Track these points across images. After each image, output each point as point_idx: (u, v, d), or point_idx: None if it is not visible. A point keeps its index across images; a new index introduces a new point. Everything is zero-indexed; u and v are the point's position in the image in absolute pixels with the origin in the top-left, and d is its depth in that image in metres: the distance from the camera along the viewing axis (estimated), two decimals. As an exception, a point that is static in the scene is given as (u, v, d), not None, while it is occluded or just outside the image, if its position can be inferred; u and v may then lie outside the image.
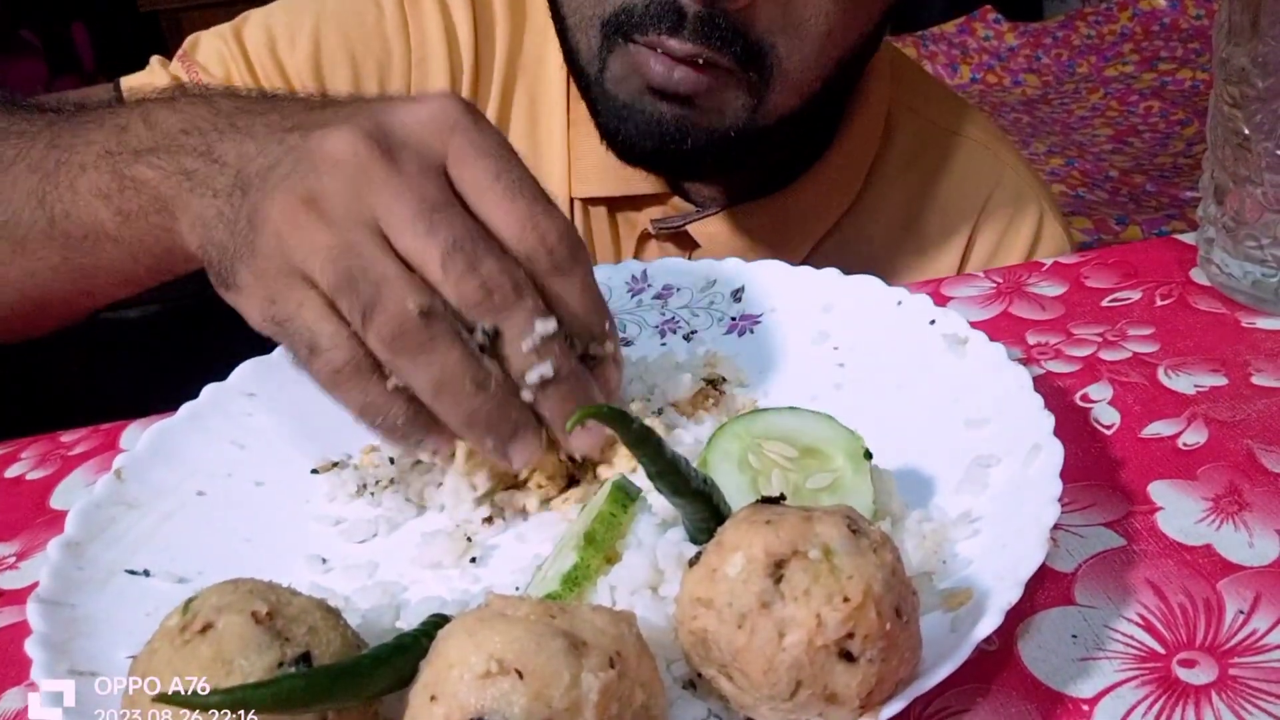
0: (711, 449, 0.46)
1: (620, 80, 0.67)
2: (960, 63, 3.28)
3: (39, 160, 0.57)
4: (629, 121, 0.67)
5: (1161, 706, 0.38)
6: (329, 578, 0.47)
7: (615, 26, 0.65)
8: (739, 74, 0.65)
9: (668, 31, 0.63)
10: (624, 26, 0.65)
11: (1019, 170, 0.86)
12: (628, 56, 0.66)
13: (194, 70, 0.78)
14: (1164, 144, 2.68)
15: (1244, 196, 0.59)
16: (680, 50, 0.63)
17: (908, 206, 0.84)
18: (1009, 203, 0.84)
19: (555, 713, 0.31)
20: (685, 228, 0.79)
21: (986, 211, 0.84)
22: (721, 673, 0.35)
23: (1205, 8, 3.34)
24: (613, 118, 0.68)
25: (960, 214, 0.84)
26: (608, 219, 0.82)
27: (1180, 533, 0.46)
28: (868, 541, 0.35)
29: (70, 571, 0.45)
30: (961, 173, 0.85)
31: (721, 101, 0.66)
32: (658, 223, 0.80)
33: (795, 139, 0.74)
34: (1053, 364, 0.58)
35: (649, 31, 0.64)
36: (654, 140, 0.67)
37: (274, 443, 0.55)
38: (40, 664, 0.40)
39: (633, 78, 0.66)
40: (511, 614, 0.33)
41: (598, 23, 0.67)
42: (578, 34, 0.69)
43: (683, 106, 0.66)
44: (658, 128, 0.67)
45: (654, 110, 0.66)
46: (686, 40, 0.63)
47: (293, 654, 0.34)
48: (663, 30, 0.63)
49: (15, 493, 0.58)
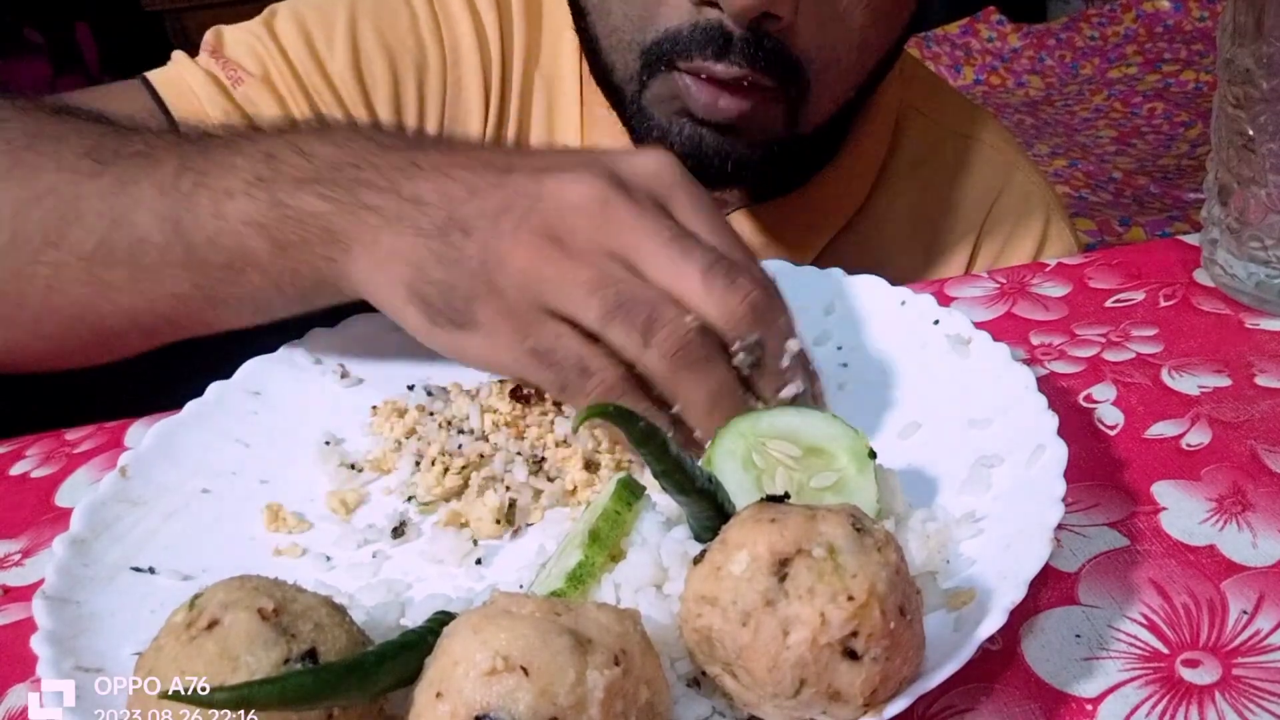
0: (716, 448, 0.46)
1: (660, 101, 0.68)
2: (963, 64, 3.28)
3: (168, 183, 0.55)
4: (667, 142, 0.68)
5: (1165, 706, 0.38)
6: (333, 575, 0.47)
7: (658, 54, 0.66)
8: (779, 92, 0.66)
9: (713, 56, 0.64)
10: (667, 53, 0.65)
11: (1027, 173, 0.87)
12: (670, 82, 0.66)
13: (230, 67, 0.76)
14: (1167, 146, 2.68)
15: (1248, 198, 0.59)
16: (726, 74, 0.64)
17: (916, 207, 0.84)
18: (1017, 205, 0.85)
19: (560, 710, 0.31)
20: None
21: (994, 213, 0.85)
22: (725, 670, 0.36)
23: (1209, 9, 3.34)
24: (649, 135, 0.69)
25: (968, 215, 0.84)
26: None
27: (1184, 533, 0.46)
28: (872, 540, 0.35)
29: (76, 568, 0.45)
30: (970, 174, 0.85)
31: (763, 121, 0.67)
32: None
33: (822, 141, 0.75)
34: (1056, 364, 0.58)
35: (694, 57, 0.64)
36: (694, 161, 0.67)
37: (279, 441, 0.55)
38: (46, 660, 0.40)
39: (673, 100, 0.67)
40: (516, 611, 0.33)
41: (637, 49, 0.67)
42: (613, 55, 0.69)
43: (724, 133, 0.67)
44: (699, 150, 0.67)
45: (694, 134, 0.67)
46: (732, 64, 0.64)
47: (298, 651, 0.34)
48: (708, 55, 0.64)
49: (20, 490, 0.58)
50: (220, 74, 0.75)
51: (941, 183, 0.85)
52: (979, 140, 0.86)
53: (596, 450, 0.51)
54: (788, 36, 0.64)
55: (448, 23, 0.79)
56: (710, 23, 0.63)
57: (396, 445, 0.54)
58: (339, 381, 0.59)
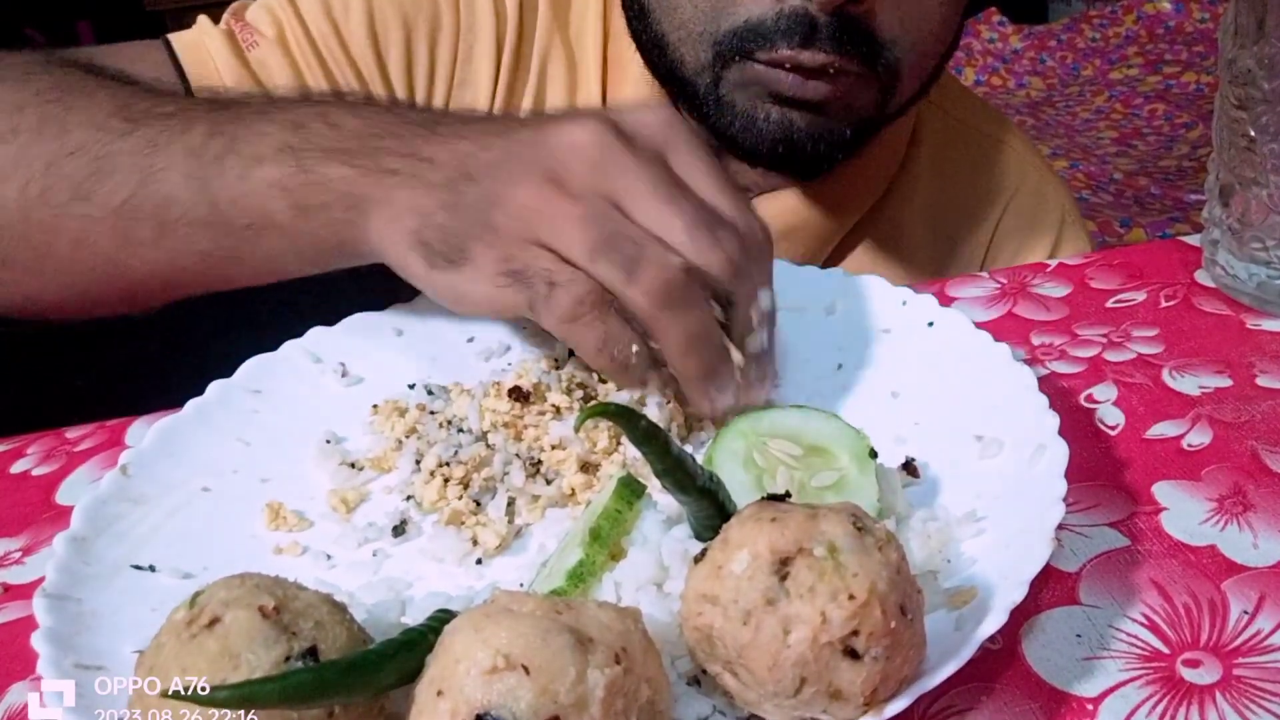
0: (717, 447, 0.47)
1: (740, 88, 0.67)
2: (965, 65, 3.28)
3: (198, 146, 0.57)
4: (754, 129, 0.68)
5: (1166, 706, 0.38)
6: (334, 574, 0.47)
7: (735, 46, 0.66)
8: (868, 75, 0.67)
9: (799, 44, 0.64)
10: (746, 44, 0.65)
11: (1044, 174, 0.87)
12: (748, 71, 0.66)
13: (247, 30, 0.77)
14: (1168, 147, 2.68)
15: (1249, 198, 0.59)
16: (813, 62, 0.64)
17: (934, 201, 0.85)
18: (1032, 205, 0.85)
19: (561, 708, 0.31)
20: None
21: (1010, 211, 0.85)
22: (726, 669, 0.36)
23: (1210, 11, 3.34)
24: (735, 126, 0.68)
25: (984, 212, 0.85)
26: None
27: (1185, 533, 0.46)
28: (873, 539, 0.35)
29: (76, 566, 0.45)
30: (987, 172, 0.86)
31: (853, 101, 0.67)
32: None
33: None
34: (1057, 365, 0.58)
35: (778, 47, 0.64)
36: (785, 145, 0.68)
37: (279, 439, 0.55)
38: (46, 658, 0.40)
39: (755, 86, 0.67)
40: (517, 610, 0.33)
41: (709, 40, 0.67)
42: (683, 48, 0.69)
43: (816, 113, 0.67)
44: (788, 134, 0.67)
45: (783, 117, 0.67)
46: (819, 51, 0.64)
47: (299, 649, 0.34)
48: (794, 44, 0.64)
49: (21, 488, 0.58)
50: (238, 35, 0.77)
51: (959, 178, 0.86)
52: (997, 139, 0.87)
53: (592, 452, 0.51)
54: (870, 19, 0.65)
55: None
56: (795, 10, 0.63)
57: (397, 444, 0.54)
58: (339, 380, 0.59)
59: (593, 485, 0.50)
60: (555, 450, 0.52)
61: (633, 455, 0.50)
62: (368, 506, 0.52)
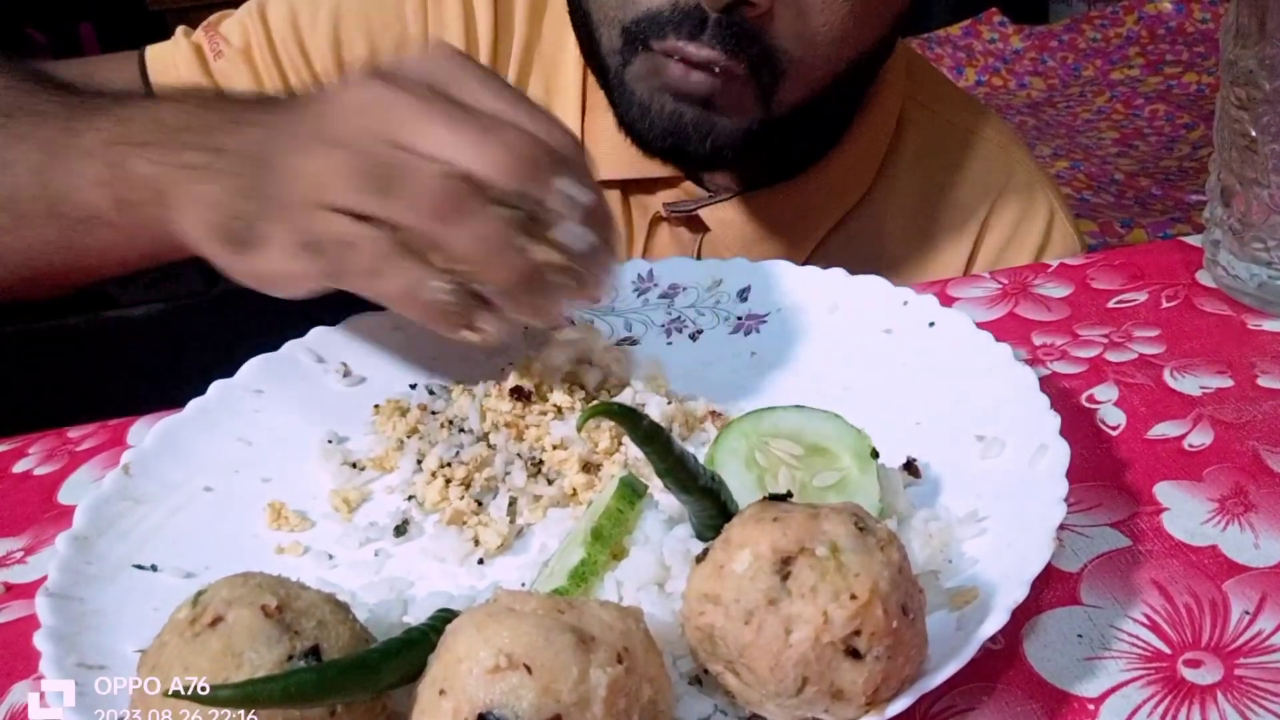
0: (718, 446, 0.47)
1: (641, 78, 0.68)
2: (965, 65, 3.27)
3: (47, 141, 0.59)
4: (649, 119, 0.69)
5: (1167, 706, 0.38)
6: (335, 573, 0.47)
7: (635, 33, 0.67)
8: (750, 79, 0.66)
9: (687, 36, 0.65)
10: (645, 33, 0.66)
11: (1030, 170, 0.87)
12: (648, 60, 0.67)
13: (215, 40, 0.80)
14: (1169, 147, 2.68)
15: (1250, 199, 0.59)
16: (698, 55, 0.65)
17: (918, 200, 0.84)
18: (1019, 200, 0.85)
19: (564, 707, 0.31)
20: (697, 212, 0.80)
21: (997, 208, 0.85)
22: (728, 669, 0.36)
23: (1211, 11, 3.34)
24: (633, 113, 0.70)
25: (970, 209, 0.84)
26: (621, 202, 0.83)
27: (1186, 533, 0.46)
28: (874, 539, 0.36)
29: (79, 566, 0.45)
30: (973, 169, 0.85)
31: (738, 99, 0.67)
32: (670, 206, 0.81)
33: (810, 130, 0.76)
34: (1058, 365, 0.58)
35: (668, 37, 0.65)
36: (674, 138, 0.69)
37: (281, 439, 0.55)
38: (49, 657, 0.40)
39: (652, 77, 0.68)
40: (520, 609, 0.33)
41: (619, 26, 0.68)
42: (601, 29, 0.70)
43: (703, 107, 0.68)
44: (677, 126, 0.68)
45: (675, 110, 0.68)
46: (705, 45, 0.64)
47: (302, 647, 0.34)
48: (683, 35, 0.65)
49: (23, 488, 0.58)
50: (205, 46, 0.79)
51: (944, 177, 0.85)
52: (982, 136, 0.86)
53: (593, 452, 0.51)
54: (764, 23, 0.65)
55: (436, 4, 0.81)
56: (688, 4, 0.64)
57: (399, 444, 0.54)
58: (341, 380, 0.59)
59: (594, 485, 0.50)
60: (556, 450, 0.52)
61: (634, 455, 0.50)
62: (370, 506, 0.52)
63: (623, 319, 0.63)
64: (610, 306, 0.64)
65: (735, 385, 0.57)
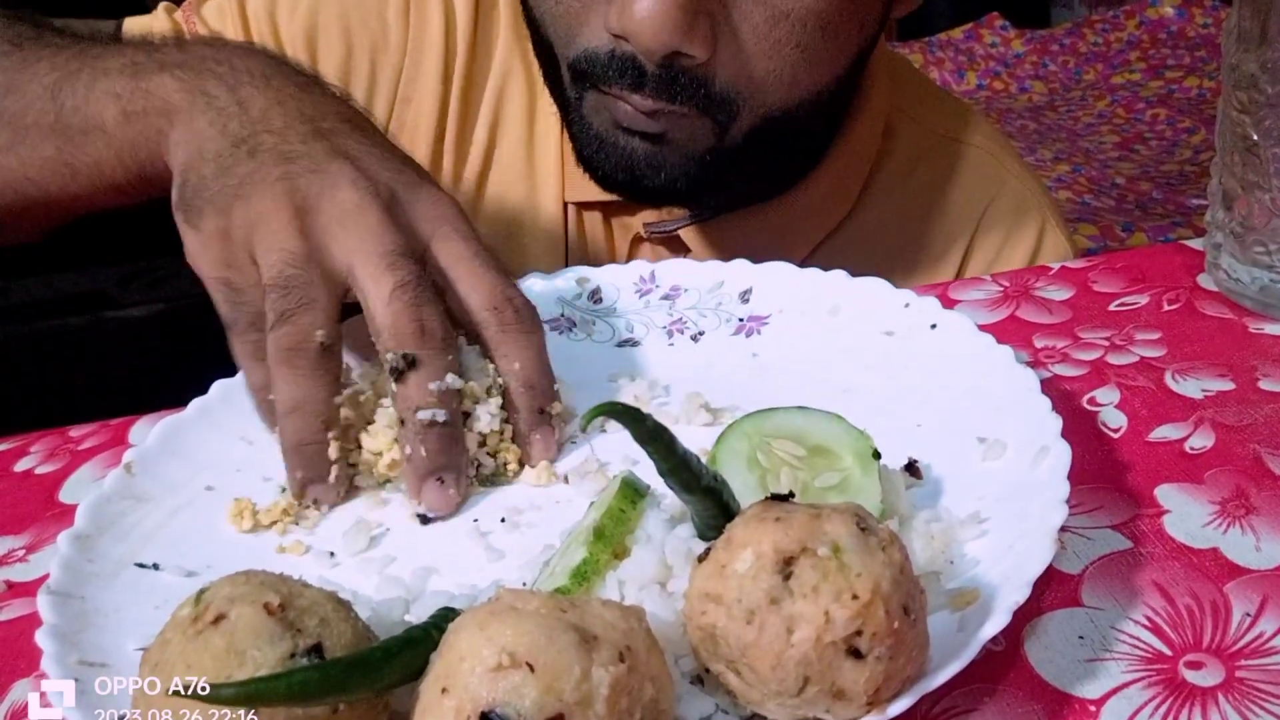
0: (720, 447, 0.47)
1: (595, 112, 0.68)
2: (967, 69, 3.28)
3: (63, 64, 0.62)
4: (603, 153, 0.68)
5: (1168, 708, 0.38)
6: (336, 572, 0.47)
7: (580, 73, 0.66)
8: (703, 116, 0.65)
9: (629, 87, 0.64)
10: (589, 75, 0.65)
11: (1022, 178, 0.85)
12: (597, 97, 0.67)
13: (191, 20, 0.80)
14: (1170, 152, 2.69)
15: (1252, 202, 0.59)
16: (641, 106, 0.64)
17: (906, 214, 0.83)
18: (1010, 211, 0.83)
19: (566, 706, 0.31)
20: (678, 232, 0.79)
21: (986, 219, 0.83)
22: (729, 668, 0.36)
23: (1212, 16, 3.35)
24: (588, 147, 0.69)
25: (959, 221, 0.83)
26: (602, 223, 0.82)
27: (1187, 536, 0.46)
28: (876, 540, 0.36)
29: (80, 564, 0.45)
30: (962, 179, 0.84)
31: (690, 133, 0.66)
32: (650, 226, 0.80)
33: (777, 155, 0.73)
34: (1060, 367, 0.58)
35: (611, 84, 0.64)
36: (627, 173, 0.68)
37: (283, 439, 0.55)
38: (50, 655, 0.40)
39: (605, 112, 0.67)
40: (522, 608, 0.33)
41: (565, 62, 0.67)
42: (559, 63, 0.69)
43: (654, 143, 0.67)
44: (630, 162, 0.67)
45: (626, 145, 0.67)
46: (647, 96, 0.64)
47: (305, 645, 0.34)
48: (625, 85, 0.64)
49: (24, 487, 0.58)
50: (184, 25, 0.80)
51: (932, 190, 0.84)
52: (971, 145, 0.85)
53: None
54: (706, 71, 0.63)
55: (419, 10, 0.80)
56: (625, 54, 0.63)
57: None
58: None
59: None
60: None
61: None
62: (372, 504, 0.52)
63: (624, 320, 0.63)
64: (611, 308, 0.64)
65: (737, 386, 0.57)
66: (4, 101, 0.62)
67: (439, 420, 0.49)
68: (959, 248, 0.83)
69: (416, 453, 0.49)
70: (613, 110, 0.66)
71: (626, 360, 0.61)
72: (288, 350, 0.49)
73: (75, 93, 0.60)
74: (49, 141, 0.61)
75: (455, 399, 0.50)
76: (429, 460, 0.49)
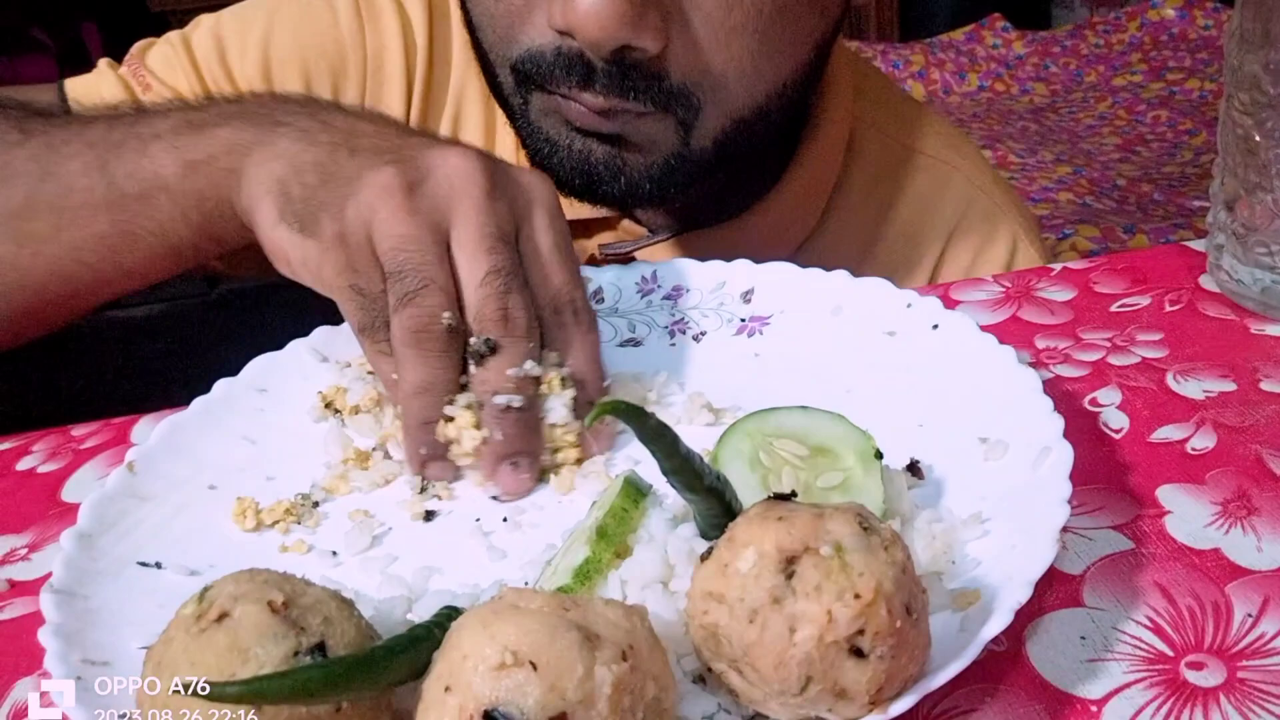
0: (723, 446, 0.47)
1: (546, 115, 0.64)
2: (968, 70, 3.28)
3: (98, 138, 0.60)
4: (557, 158, 0.65)
5: (1170, 708, 0.38)
6: (339, 571, 0.47)
7: (525, 75, 0.63)
8: (665, 114, 0.62)
9: (578, 86, 0.60)
10: (534, 76, 0.62)
11: (990, 191, 0.82)
12: (545, 99, 0.63)
13: (140, 74, 0.77)
14: (1172, 153, 2.69)
15: (1254, 203, 0.59)
16: (593, 105, 0.61)
17: (871, 234, 0.80)
18: (979, 229, 0.80)
19: (569, 705, 0.31)
20: (633, 254, 0.76)
21: (955, 240, 0.80)
22: (732, 667, 0.36)
23: (1214, 18, 3.35)
24: (541, 153, 0.66)
25: (926, 242, 0.80)
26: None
27: (1189, 536, 0.46)
28: (879, 539, 0.36)
29: (83, 563, 0.45)
30: (926, 195, 0.81)
31: (652, 134, 0.63)
32: (606, 248, 0.77)
33: (745, 165, 0.70)
34: (1061, 368, 0.58)
35: (559, 85, 0.61)
36: (585, 178, 0.65)
37: (285, 438, 0.55)
38: (53, 653, 0.40)
39: (555, 114, 0.64)
40: (525, 606, 0.33)
41: (508, 65, 0.64)
42: (498, 69, 0.66)
43: (612, 145, 0.63)
44: (588, 166, 0.64)
45: (583, 147, 0.64)
46: (598, 94, 0.60)
47: (308, 644, 0.34)
48: (573, 84, 0.60)
49: (26, 486, 0.58)
50: (132, 81, 0.77)
51: (898, 208, 0.81)
52: (936, 158, 0.81)
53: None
54: (660, 65, 0.60)
55: (374, 24, 0.78)
56: (571, 50, 0.59)
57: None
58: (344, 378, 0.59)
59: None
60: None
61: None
62: (373, 503, 0.52)
63: (626, 320, 0.63)
64: (613, 308, 0.64)
65: (739, 386, 0.57)
66: (42, 188, 0.60)
67: (515, 405, 0.50)
68: (924, 270, 0.81)
69: (493, 436, 0.50)
70: (564, 110, 0.63)
71: (628, 360, 0.61)
72: (414, 333, 0.50)
73: (125, 160, 0.58)
74: (101, 217, 0.59)
75: (532, 386, 0.51)
76: (505, 444, 0.50)
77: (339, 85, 0.79)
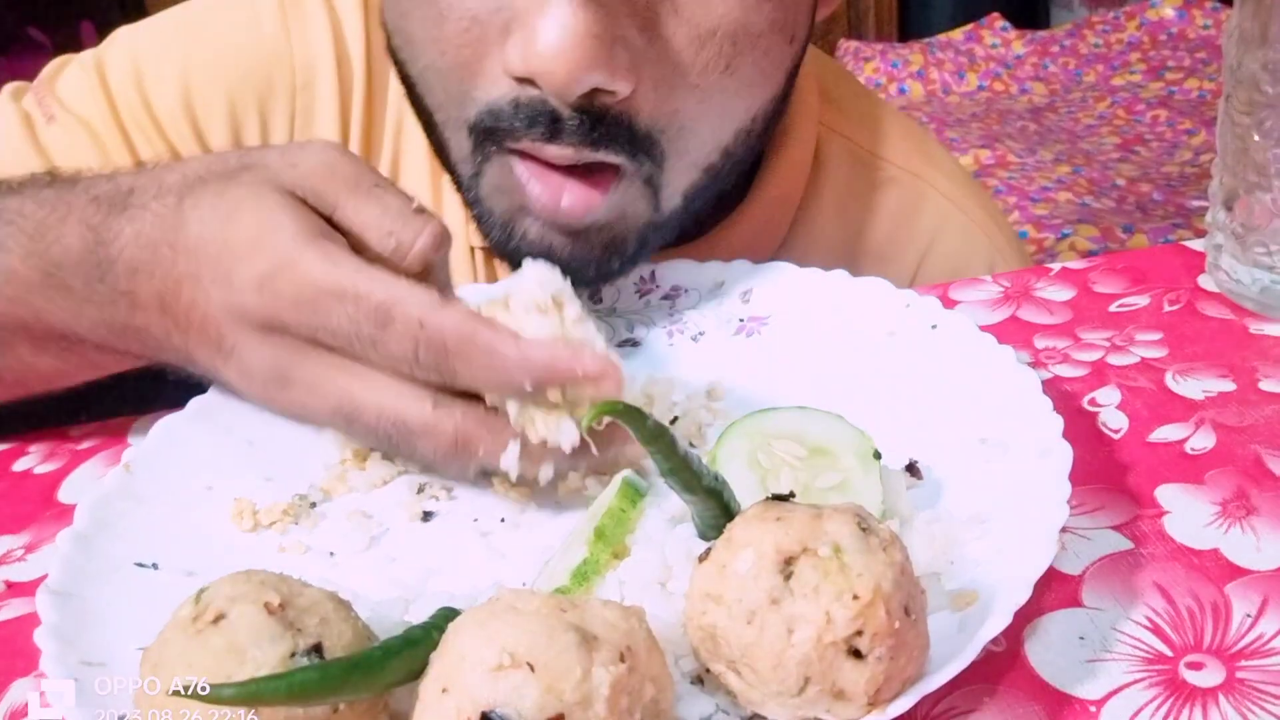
0: (721, 447, 0.47)
1: (499, 191, 0.58)
2: (967, 70, 3.28)
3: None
4: (511, 241, 0.58)
5: (1169, 709, 0.38)
6: (336, 572, 0.47)
7: (484, 133, 0.56)
8: (631, 167, 0.56)
9: (543, 138, 0.54)
10: (495, 133, 0.56)
11: (967, 208, 0.78)
12: (504, 166, 0.57)
13: (46, 103, 0.70)
14: (1171, 153, 2.69)
15: (1253, 203, 0.59)
16: (560, 159, 0.55)
17: (840, 246, 0.76)
18: (955, 250, 0.77)
19: (567, 706, 0.31)
20: None
21: (927, 263, 0.77)
22: (730, 668, 0.36)
23: (1213, 18, 3.35)
24: (495, 234, 0.59)
25: (897, 261, 0.76)
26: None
27: (1188, 536, 0.46)
28: (877, 540, 0.36)
29: (80, 563, 0.45)
30: (898, 214, 0.77)
31: (620, 204, 0.58)
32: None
33: (717, 192, 0.65)
34: (1060, 368, 0.58)
35: (522, 139, 0.55)
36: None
37: (283, 439, 0.55)
38: (50, 655, 0.40)
39: (510, 194, 0.57)
40: (522, 607, 0.33)
41: (464, 126, 0.57)
42: (445, 131, 0.60)
43: (576, 238, 0.58)
44: (549, 257, 0.52)
45: (541, 237, 0.57)
46: (566, 145, 0.54)
47: (305, 645, 0.34)
48: (537, 136, 0.54)
49: (23, 486, 0.58)
50: (36, 111, 0.70)
51: (869, 221, 0.76)
52: (911, 170, 0.77)
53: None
54: (629, 106, 0.54)
55: (301, 36, 0.71)
56: (533, 100, 0.53)
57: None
58: None
59: None
60: None
61: None
62: (371, 504, 0.52)
63: (624, 320, 0.63)
64: (611, 308, 0.64)
65: (737, 386, 0.57)
66: None
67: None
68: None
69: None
70: (524, 192, 0.56)
71: (626, 360, 0.61)
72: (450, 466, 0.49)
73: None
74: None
75: None
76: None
77: (267, 108, 0.72)
